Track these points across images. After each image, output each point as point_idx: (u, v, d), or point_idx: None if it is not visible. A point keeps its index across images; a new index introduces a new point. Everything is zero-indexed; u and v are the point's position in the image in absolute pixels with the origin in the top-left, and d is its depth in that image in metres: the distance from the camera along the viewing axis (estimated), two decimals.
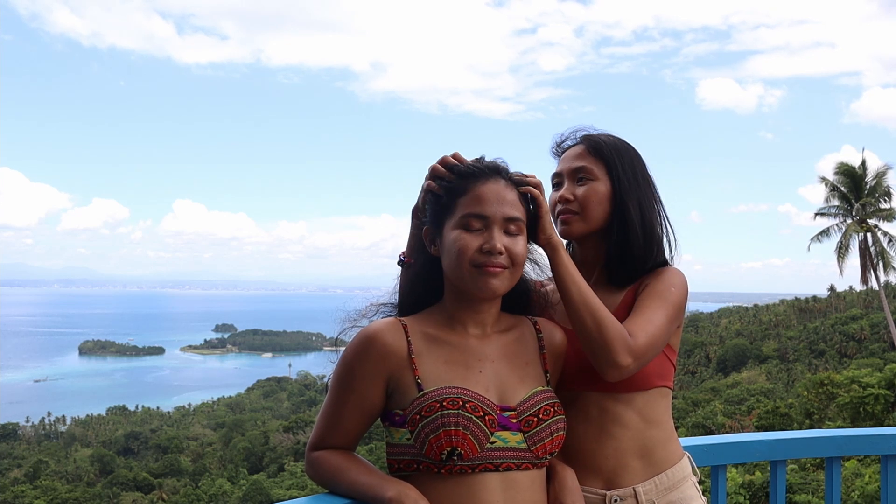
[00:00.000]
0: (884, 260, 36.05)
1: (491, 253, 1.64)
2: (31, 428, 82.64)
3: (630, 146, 1.98)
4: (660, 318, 1.79)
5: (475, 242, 1.65)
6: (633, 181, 1.92)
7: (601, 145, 1.94)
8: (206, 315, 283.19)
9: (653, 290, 1.86)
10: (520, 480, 1.63)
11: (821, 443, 2.55)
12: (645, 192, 1.94)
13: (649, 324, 1.77)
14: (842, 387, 30.35)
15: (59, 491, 44.59)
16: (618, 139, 1.98)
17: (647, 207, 1.93)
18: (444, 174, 1.72)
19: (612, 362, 1.69)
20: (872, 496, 17.88)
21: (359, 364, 1.66)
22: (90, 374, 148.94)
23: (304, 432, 54.41)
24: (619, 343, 1.69)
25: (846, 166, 36.88)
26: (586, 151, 1.94)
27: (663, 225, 1.97)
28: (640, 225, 1.90)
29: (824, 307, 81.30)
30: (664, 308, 1.81)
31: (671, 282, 1.88)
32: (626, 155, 1.95)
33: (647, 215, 1.92)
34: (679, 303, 1.86)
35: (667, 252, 1.98)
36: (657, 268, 1.93)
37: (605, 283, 1.95)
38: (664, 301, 1.83)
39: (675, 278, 1.89)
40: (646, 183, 1.96)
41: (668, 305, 1.83)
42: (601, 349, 1.70)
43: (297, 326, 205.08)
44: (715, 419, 37.82)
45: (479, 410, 1.60)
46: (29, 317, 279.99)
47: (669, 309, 1.82)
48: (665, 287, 1.86)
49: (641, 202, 1.92)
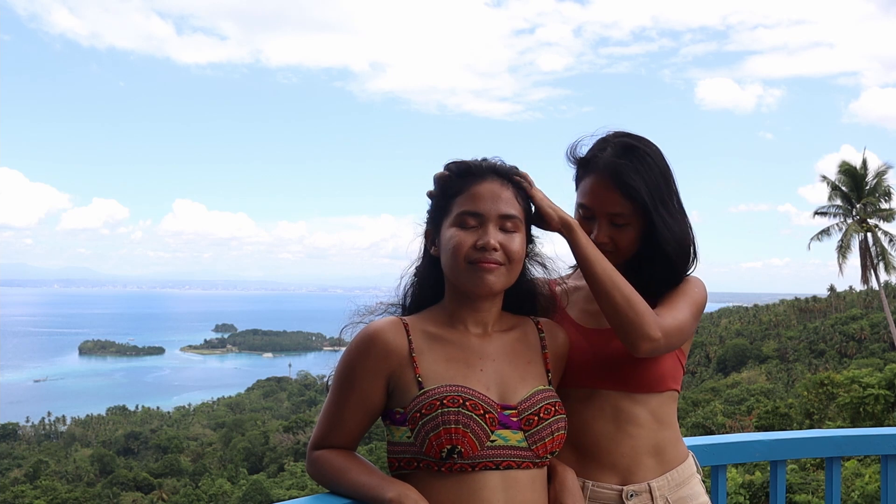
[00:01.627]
0: (884, 260, 36.06)
1: (485, 249, 1.65)
2: (31, 428, 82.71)
3: (653, 161, 1.88)
4: (684, 312, 1.83)
5: (470, 239, 1.66)
6: (665, 215, 1.86)
7: (629, 185, 1.83)
8: (206, 315, 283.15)
9: (677, 290, 1.89)
10: (520, 479, 1.63)
11: (821, 443, 2.56)
12: (675, 216, 1.89)
13: (676, 311, 1.81)
14: (842, 387, 30.37)
15: (59, 491, 44.61)
16: (640, 159, 1.87)
17: (678, 232, 1.88)
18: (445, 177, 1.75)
19: (645, 335, 1.72)
20: (872, 496, 17.89)
21: (360, 363, 1.67)
22: (90, 374, 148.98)
23: (304, 432, 54.43)
24: (649, 316, 1.73)
25: (848, 165, 36.90)
26: (618, 193, 1.84)
27: (692, 235, 1.95)
28: (679, 254, 1.89)
29: (824, 307, 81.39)
30: (688, 304, 1.85)
31: (694, 283, 1.93)
32: (654, 183, 1.86)
33: (681, 240, 1.89)
34: (701, 302, 1.90)
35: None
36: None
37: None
38: (688, 297, 1.87)
39: (698, 282, 1.94)
40: (672, 202, 1.90)
41: (692, 303, 1.86)
42: (632, 323, 1.72)
43: (297, 326, 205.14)
44: (715, 419, 37.85)
45: (479, 409, 1.61)
46: (29, 317, 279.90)
47: (693, 306, 1.86)
48: (689, 287, 1.90)
49: (674, 230, 1.88)
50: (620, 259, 1.91)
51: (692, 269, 1.98)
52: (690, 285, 1.91)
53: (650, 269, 1.89)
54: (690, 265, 1.94)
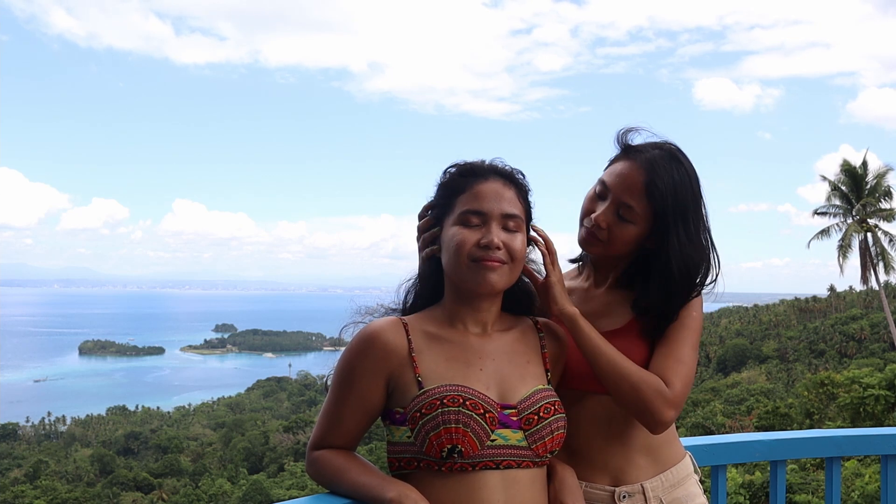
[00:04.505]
0: (884, 260, 36.07)
1: (489, 247, 1.65)
2: (31, 428, 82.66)
3: (689, 181, 1.84)
4: (689, 354, 1.81)
5: (473, 237, 1.67)
6: (682, 232, 1.82)
7: (658, 189, 1.80)
8: (206, 315, 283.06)
9: (677, 324, 1.84)
10: (520, 479, 1.64)
11: (821, 443, 2.56)
12: (692, 237, 1.83)
13: (682, 365, 1.78)
14: (842, 387, 30.37)
15: (59, 491, 44.60)
16: (680, 173, 1.83)
17: (690, 253, 1.82)
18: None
19: (656, 421, 1.74)
20: (872, 496, 17.89)
21: (359, 363, 1.67)
22: (90, 374, 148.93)
23: (304, 432, 54.42)
24: (658, 401, 1.72)
25: (849, 165, 36.91)
26: (643, 190, 1.81)
27: (710, 259, 1.88)
28: (684, 275, 1.83)
29: (824, 307, 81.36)
30: (690, 339, 1.83)
31: (692, 306, 1.87)
32: (682, 200, 1.82)
33: (690, 261, 1.83)
34: (700, 328, 1.88)
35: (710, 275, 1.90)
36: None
37: (620, 287, 1.95)
38: (689, 330, 1.84)
39: (695, 302, 1.88)
40: (695, 223, 1.84)
41: (692, 334, 1.84)
42: (642, 411, 1.74)
43: (297, 326, 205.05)
44: (715, 419, 37.82)
45: (479, 408, 1.61)
46: (29, 317, 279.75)
47: (693, 337, 1.85)
48: (687, 314, 1.86)
49: (686, 250, 1.82)
50: (607, 254, 1.90)
51: (711, 283, 1.91)
52: (688, 309, 1.86)
53: (653, 285, 1.85)
54: (693, 292, 1.87)
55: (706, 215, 1.89)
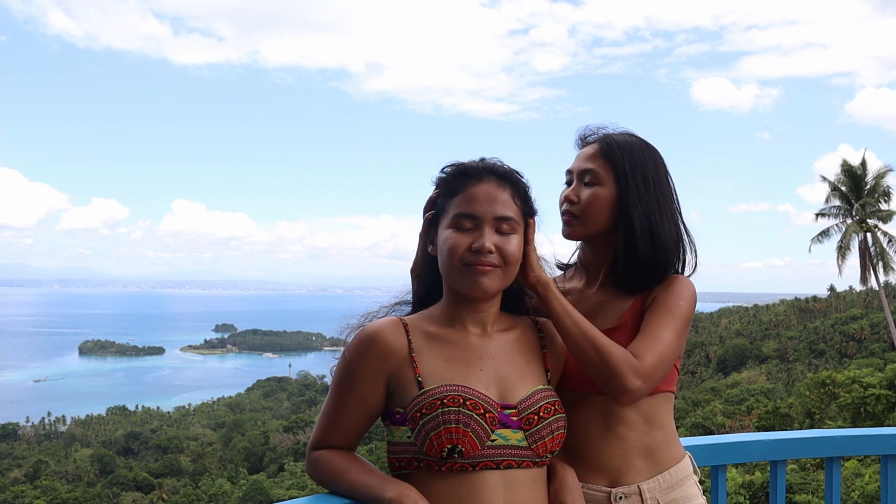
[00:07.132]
0: (884, 260, 36.06)
1: (480, 252, 1.64)
2: (31, 428, 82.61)
3: (647, 149, 1.93)
4: (668, 336, 1.79)
5: (465, 241, 1.66)
6: (641, 188, 1.87)
7: (613, 149, 1.89)
8: (206, 315, 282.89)
9: (661, 305, 1.84)
10: (520, 479, 1.63)
11: (821, 443, 2.55)
12: (656, 199, 1.88)
13: (657, 342, 1.76)
14: (843, 387, 30.34)
15: (59, 491, 44.60)
16: (636, 141, 1.93)
17: (656, 216, 1.87)
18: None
19: (622, 388, 1.71)
20: (872, 496, 17.88)
21: (359, 363, 1.67)
22: (90, 374, 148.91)
23: (304, 432, 54.39)
24: (625, 368, 1.70)
25: (848, 166, 36.91)
26: (598, 153, 1.90)
27: (679, 234, 1.92)
28: (647, 234, 1.86)
29: (824, 307, 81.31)
30: (672, 323, 1.81)
31: (680, 294, 1.87)
32: (640, 160, 1.89)
33: (655, 224, 1.86)
34: (687, 316, 1.86)
35: (689, 260, 1.95)
36: (667, 276, 1.91)
37: (611, 285, 1.94)
38: (672, 316, 1.82)
39: (685, 290, 1.88)
40: (658, 189, 1.90)
41: (676, 320, 1.82)
42: (609, 377, 1.71)
43: (297, 326, 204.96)
44: (715, 419, 37.80)
45: (479, 408, 1.61)
46: (29, 317, 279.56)
47: (678, 323, 1.82)
48: (674, 300, 1.85)
49: (650, 210, 1.86)
50: (588, 231, 1.91)
51: (690, 271, 1.95)
52: (676, 296, 1.86)
53: (624, 260, 1.88)
54: (664, 267, 1.89)
55: (674, 189, 1.95)
